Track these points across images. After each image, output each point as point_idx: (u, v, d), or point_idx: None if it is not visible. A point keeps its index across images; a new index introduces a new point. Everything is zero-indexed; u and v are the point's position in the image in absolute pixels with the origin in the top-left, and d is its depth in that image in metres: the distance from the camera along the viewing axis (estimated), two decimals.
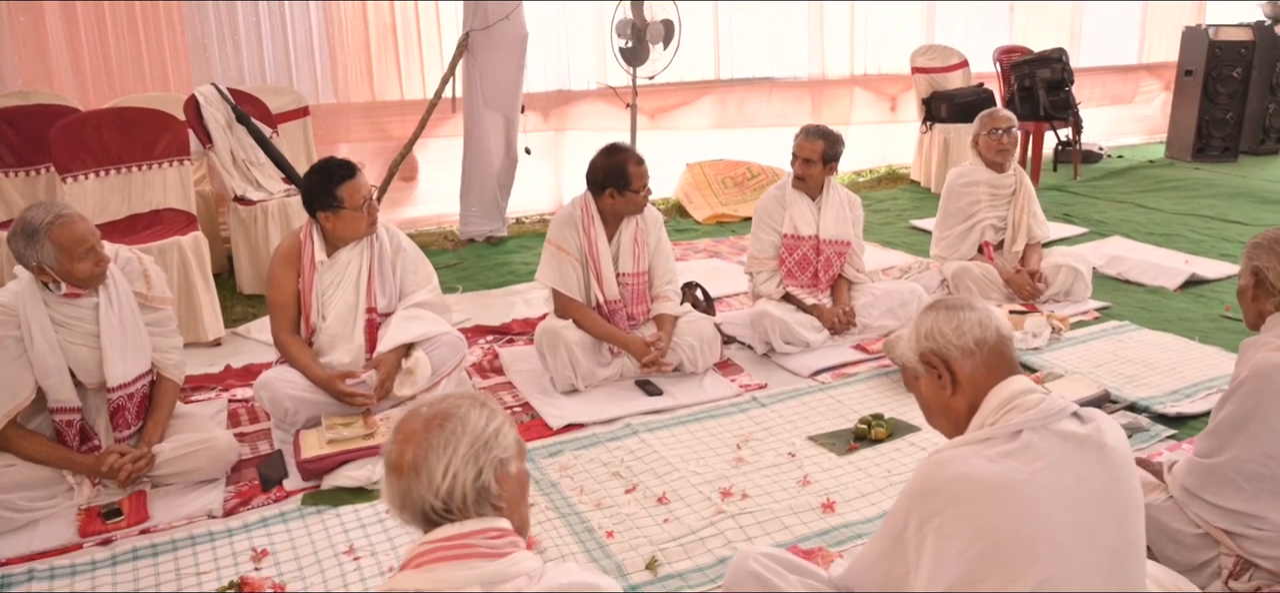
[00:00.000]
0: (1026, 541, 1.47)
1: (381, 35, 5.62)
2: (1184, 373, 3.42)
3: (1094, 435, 1.56)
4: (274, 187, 4.68)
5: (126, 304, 2.79)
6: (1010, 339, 1.68)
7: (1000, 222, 4.36)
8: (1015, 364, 1.66)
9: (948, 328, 1.66)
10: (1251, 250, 2.20)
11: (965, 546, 1.49)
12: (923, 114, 6.89)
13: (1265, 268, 2.16)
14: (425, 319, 3.21)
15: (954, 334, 1.65)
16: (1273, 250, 2.16)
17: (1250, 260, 2.20)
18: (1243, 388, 2.09)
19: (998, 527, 1.48)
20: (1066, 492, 1.51)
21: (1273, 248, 2.16)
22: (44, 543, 2.53)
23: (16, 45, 4.94)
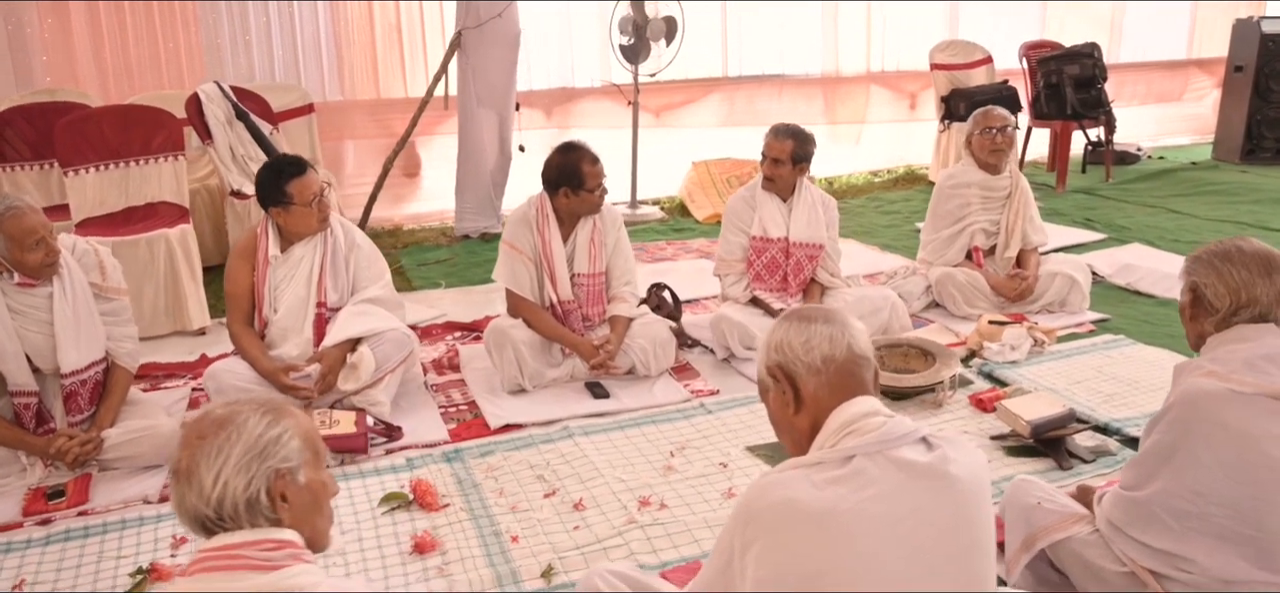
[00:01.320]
0: (849, 574, 1.40)
1: (387, 34, 5.72)
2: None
3: (937, 465, 1.46)
4: None
5: (81, 294, 2.90)
6: (864, 359, 1.57)
7: (992, 226, 4.21)
8: (866, 385, 1.56)
9: (797, 342, 1.58)
10: (1190, 265, 2.04)
11: (782, 576, 1.43)
12: (941, 112, 6.69)
13: (1203, 285, 2.00)
14: (373, 315, 3.26)
15: (802, 349, 1.57)
16: (1212, 265, 1.99)
17: (1189, 276, 2.04)
18: (1169, 416, 1.95)
19: (817, 558, 1.40)
20: (897, 524, 1.42)
21: (1212, 262, 1.99)
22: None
23: (45, 46, 5.18)
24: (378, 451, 2.99)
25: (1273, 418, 1.85)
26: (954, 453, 1.52)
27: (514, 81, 5.32)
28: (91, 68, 5.22)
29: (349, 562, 2.41)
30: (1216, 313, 2.00)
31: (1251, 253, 1.99)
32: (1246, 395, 1.86)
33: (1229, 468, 1.86)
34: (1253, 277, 1.96)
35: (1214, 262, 2.00)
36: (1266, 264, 1.98)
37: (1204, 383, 1.92)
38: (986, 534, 1.52)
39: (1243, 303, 1.96)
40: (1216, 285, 1.98)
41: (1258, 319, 1.97)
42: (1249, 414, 1.85)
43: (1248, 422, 1.85)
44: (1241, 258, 1.98)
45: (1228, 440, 1.86)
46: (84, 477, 2.83)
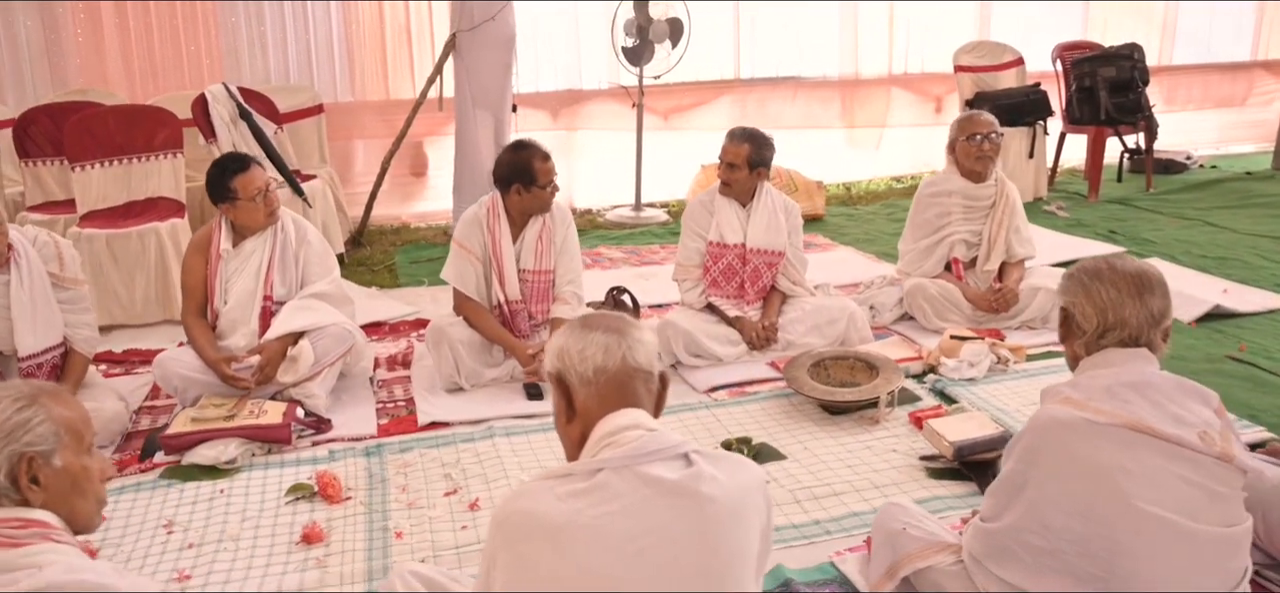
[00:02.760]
0: (583, 586, 1.38)
1: (396, 36, 5.85)
2: None
3: (687, 483, 1.42)
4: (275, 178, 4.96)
5: (38, 282, 3.06)
6: (641, 372, 1.53)
7: (974, 237, 4.05)
8: (638, 398, 1.53)
9: (574, 350, 1.56)
10: (1063, 283, 1.93)
11: (520, 586, 1.42)
12: None
13: (1072, 305, 1.89)
14: (316, 310, 3.34)
15: (577, 358, 1.55)
16: (1081, 284, 1.88)
17: (1061, 295, 1.94)
18: (1021, 444, 1.86)
19: (551, 571, 1.39)
20: (636, 540, 1.39)
21: (1082, 281, 1.88)
22: None
23: (79, 49, 5.49)
24: (305, 442, 3.07)
25: (1127, 450, 1.73)
26: (715, 472, 1.48)
27: (510, 83, 5.37)
28: (120, 69, 5.51)
29: (238, 547, 2.49)
30: (1084, 335, 1.89)
31: (1124, 272, 1.87)
32: (1100, 425, 1.75)
33: (1078, 503, 1.76)
34: (1121, 297, 1.84)
35: (1083, 280, 1.89)
36: (1138, 284, 1.86)
37: (1057, 410, 1.81)
38: (740, 557, 1.47)
39: (1110, 324, 1.85)
40: (1084, 306, 1.87)
41: (1127, 342, 1.86)
42: (1102, 445, 1.74)
43: (1099, 453, 1.74)
44: (1112, 277, 1.87)
45: (1078, 473, 1.76)
46: None
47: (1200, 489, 1.73)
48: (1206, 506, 1.73)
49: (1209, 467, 1.74)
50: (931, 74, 6.88)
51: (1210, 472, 1.74)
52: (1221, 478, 1.75)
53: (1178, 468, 1.73)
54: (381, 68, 5.87)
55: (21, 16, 5.30)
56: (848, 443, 2.98)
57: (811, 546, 2.44)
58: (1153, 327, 1.87)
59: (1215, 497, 1.74)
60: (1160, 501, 1.71)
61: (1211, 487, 1.74)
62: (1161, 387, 1.79)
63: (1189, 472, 1.73)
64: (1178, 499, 1.72)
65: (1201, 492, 1.73)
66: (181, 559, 2.45)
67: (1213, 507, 1.74)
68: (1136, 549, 1.71)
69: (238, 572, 2.38)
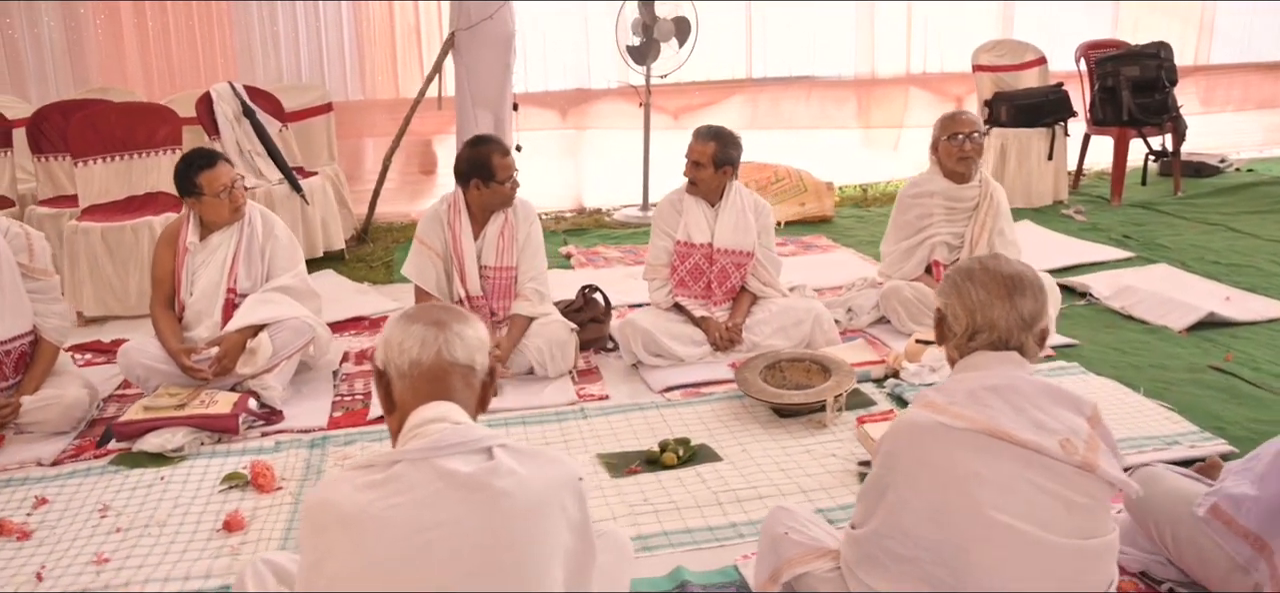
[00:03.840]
0: (362, 577, 1.39)
1: (406, 35, 5.95)
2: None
3: (482, 477, 1.42)
4: (273, 175, 5.10)
5: (7, 272, 3.19)
6: (459, 366, 1.55)
7: (956, 239, 3.94)
8: (454, 392, 1.54)
9: (394, 341, 1.58)
10: (940, 286, 1.88)
11: (316, 572, 1.44)
12: (983, 117, 6.28)
13: (944, 306, 1.84)
14: (277, 303, 3.42)
15: (396, 350, 1.57)
16: (954, 284, 1.83)
17: (937, 296, 1.89)
18: (882, 448, 1.81)
19: (345, 559, 1.41)
20: (424, 532, 1.39)
21: (954, 281, 1.83)
22: None
23: (99, 47, 5.72)
24: (254, 433, 3.14)
25: (981, 456, 1.67)
26: (516, 467, 1.47)
27: (509, 82, 5.42)
28: (138, 68, 5.72)
29: (162, 533, 2.55)
30: (955, 336, 1.82)
31: (996, 273, 1.80)
32: (956, 430, 1.69)
33: (933, 510, 1.70)
34: (990, 298, 1.78)
35: (956, 281, 1.83)
36: (1009, 286, 1.79)
37: (915, 414, 1.76)
38: (542, 555, 1.45)
39: (979, 326, 1.78)
40: (955, 306, 1.82)
41: (997, 345, 1.79)
42: (956, 451, 1.68)
43: (954, 460, 1.68)
44: (984, 278, 1.80)
45: (933, 479, 1.70)
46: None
47: (1057, 499, 1.66)
48: (1063, 516, 1.66)
49: (1069, 476, 1.66)
50: (951, 74, 6.71)
51: (1070, 481, 1.66)
52: (1082, 488, 1.67)
53: (1034, 476, 1.66)
54: (391, 67, 5.99)
55: (45, 16, 5.55)
56: (790, 447, 2.93)
57: (721, 548, 2.41)
58: (1024, 330, 1.80)
59: (1073, 507, 1.66)
60: (1012, 509, 1.64)
61: (1069, 497, 1.66)
62: (1026, 391, 1.72)
63: (1046, 480, 1.66)
64: (1031, 508, 1.65)
65: (1058, 501, 1.66)
66: (106, 543, 2.52)
67: (1070, 517, 1.66)
68: (986, 559, 1.65)
69: (154, 557, 2.45)
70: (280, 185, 5.01)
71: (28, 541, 2.56)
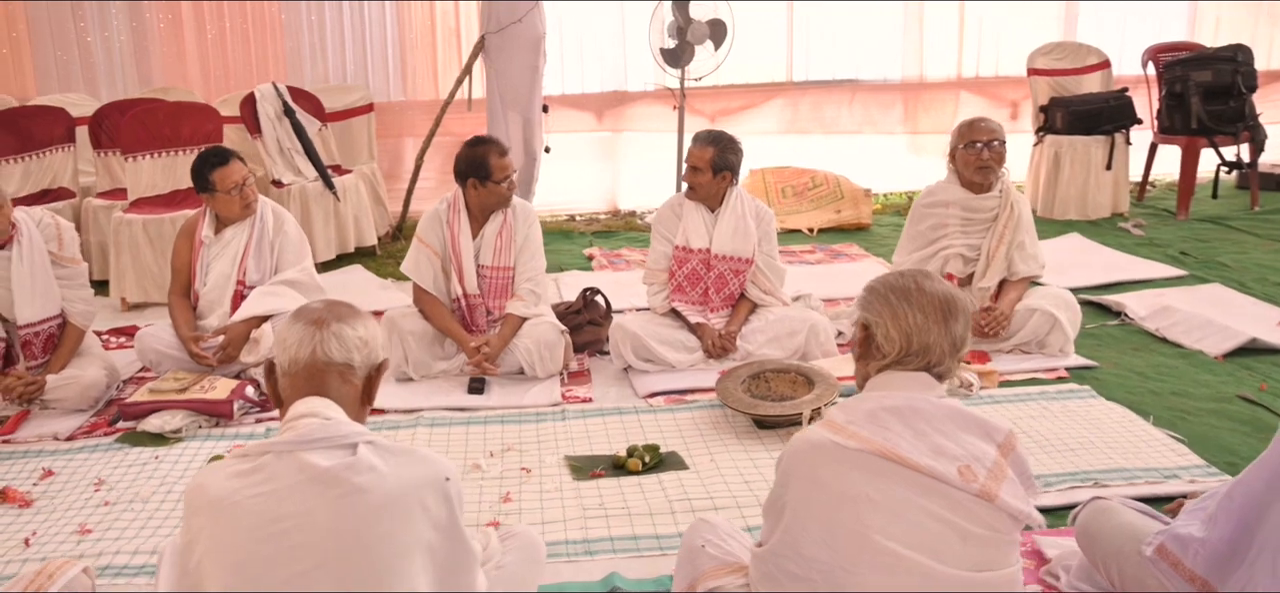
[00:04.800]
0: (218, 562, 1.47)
1: (447, 38, 6.12)
2: (1084, 457, 2.83)
3: (340, 472, 1.48)
4: (309, 173, 5.32)
5: (38, 259, 3.44)
6: (335, 364, 1.60)
7: (972, 251, 3.83)
8: (328, 389, 1.60)
9: (281, 339, 1.66)
10: (865, 297, 1.81)
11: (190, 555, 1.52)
12: (1038, 122, 6.06)
13: (874, 323, 1.78)
14: (281, 296, 3.58)
15: (281, 348, 1.65)
16: (888, 303, 1.75)
17: (862, 310, 1.83)
18: (780, 465, 1.79)
19: (207, 542, 1.49)
20: (279, 521, 1.46)
21: (888, 300, 1.75)
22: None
23: (162, 48, 6.08)
24: (250, 418, 3.31)
25: (875, 480, 1.64)
26: (379, 463, 1.52)
27: (538, 84, 5.51)
28: (197, 69, 6.05)
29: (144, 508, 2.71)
30: (885, 358, 1.77)
31: (932, 295, 1.75)
32: (850, 450, 1.66)
33: (824, 531, 1.68)
34: (928, 322, 1.72)
35: (891, 299, 1.76)
36: (945, 309, 1.74)
37: (811, 432, 1.74)
38: (398, 551, 1.50)
39: (913, 350, 1.73)
40: (888, 327, 1.75)
41: (927, 369, 1.75)
42: (849, 472, 1.66)
43: (846, 481, 1.66)
44: (921, 299, 1.74)
45: (825, 500, 1.68)
46: (22, 413, 3.36)
47: (951, 528, 1.62)
48: (956, 546, 1.61)
49: (967, 505, 1.62)
50: (1006, 77, 6.50)
51: (967, 510, 1.62)
52: (980, 518, 1.62)
53: (928, 503, 1.62)
54: (432, 68, 6.17)
55: (115, 18, 5.92)
56: (760, 459, 2.91)
57: (662, 556, 2.41)
58: (953, 354, 1.76)
59: (968, 538, 1.62)
60: (900, 535, 1.61)
61: (965, 526, 1.62)
62: (930, 415, 1.68)
63: (941, 508, 1.62)
64: (921, 535, 1.61)
65: (952, 531, 1.62)
66: (93, 515, 2.70)
67: (964, 548, 1.62)
68: (871, 585, 1.62)
69: (131, 530, 2.61)
70: (315, 182, 5.23)
71: (28, 508, 2.76)
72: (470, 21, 6.12)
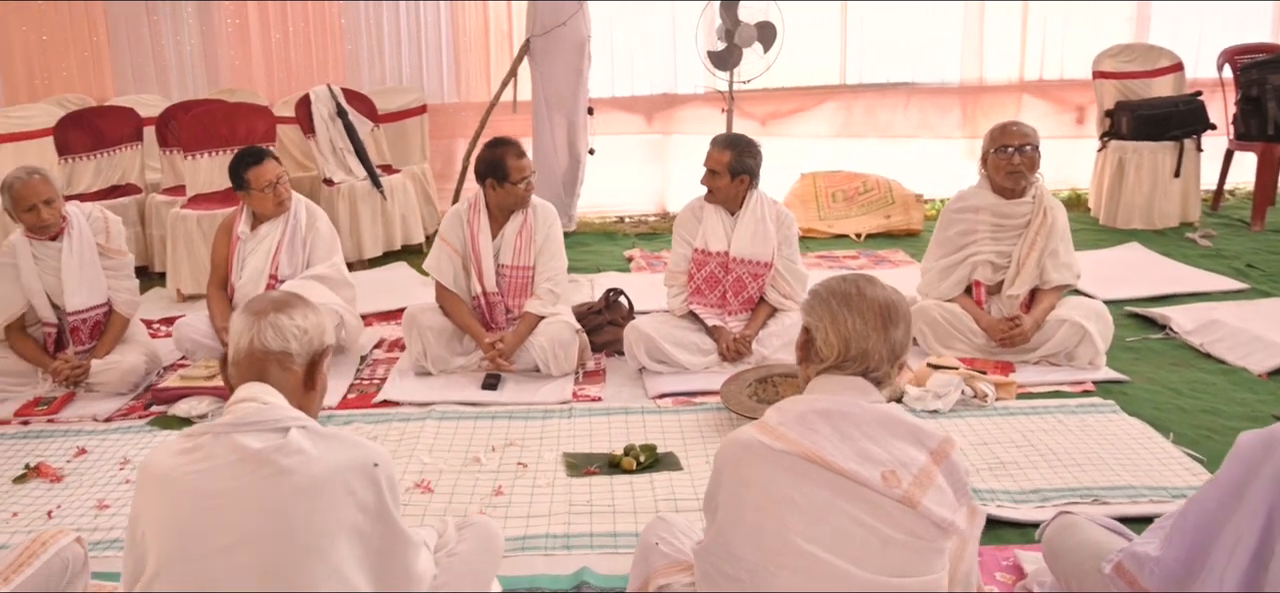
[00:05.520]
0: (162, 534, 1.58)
1: (499, 40, 6.28)
2: (1089, 473, 2.75)
3: (269, 454, 1.58)
4: (360, 172, 5.54)
5: (87, 250, 3.71)
6: (273, 353, 1.70)
7: (1002, 258, 3.75)
8: (269, 377, 1.70)
9: (230, 330, 1.77)
10: (809, 302, 1.84)
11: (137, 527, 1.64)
12: (1103, 127, 5.85)
13: (815, 327, 1.81)
14: (309, 290, 3.73)
15: (230, 339, 1.76)
16: (828, 308, 1.78)
17: (805, 315, 1.85)
18: (715, 464, 1.83)
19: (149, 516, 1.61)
20: (210, 498, 1.57)
21: (829, 305, 1.78)
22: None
23: (230, 50, 6.42)
24: None
25: (799, 482, 1.66)
26: (307, 447, 1.60)
27: (583, 87, 5.61)
28: (262, 70, 6.37)
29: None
30: (824, 361, 1.79)
31: (873, 300, 1.76)
32: (777, 451, 1.69)
33: (750, 531, 1.71)
34: (867, 328, 1.74)
35: (831, 304, 1.79)
36: (885, 315, 1.76)
37: (741, 432, 1.77)
38: (322, 530, 1.57)
39: (852, 355, 1.75)
40: (828, 331, 1.77)
41: (864, 374, 1.76)
42: (775, 473, 1.68)
43: (770, 482, 1.68)
44: (862, 305, 1.76)
45: (752, 500, 1.71)
46: (68, 394, 3.63)
47: (872, 533, 1.62)
48: (876, 551, 1.62)
49: (889, 510, 1.62)
50: (1072, 80, 6.29)
51: (889, 516, 1.62)
52: (902, 524, 1.62)
53: (850, 507, 1.63)
54: (484, 70, 6.34)
55: (186, 21, 6.29)
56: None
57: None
58: (892, 361, 1.76)
59: (889, 543, 1.62)
60: (820, 538, 1.62)
61: (885, 532, 1.62)
62: (860, 419, 1.68)
63: (864, 513, 1.63)
64: (841, 539, 1.62)
65: (872, 536, 1.62)
66: (113, 491, 2.90)
67: (884, 553, 1.62)
68: (789, 587, 1.63)
69: None
70: (364, 181, 5.45)
71: (58, 483, 2.99)
72: (522, 24, 6.26)
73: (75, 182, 5.34)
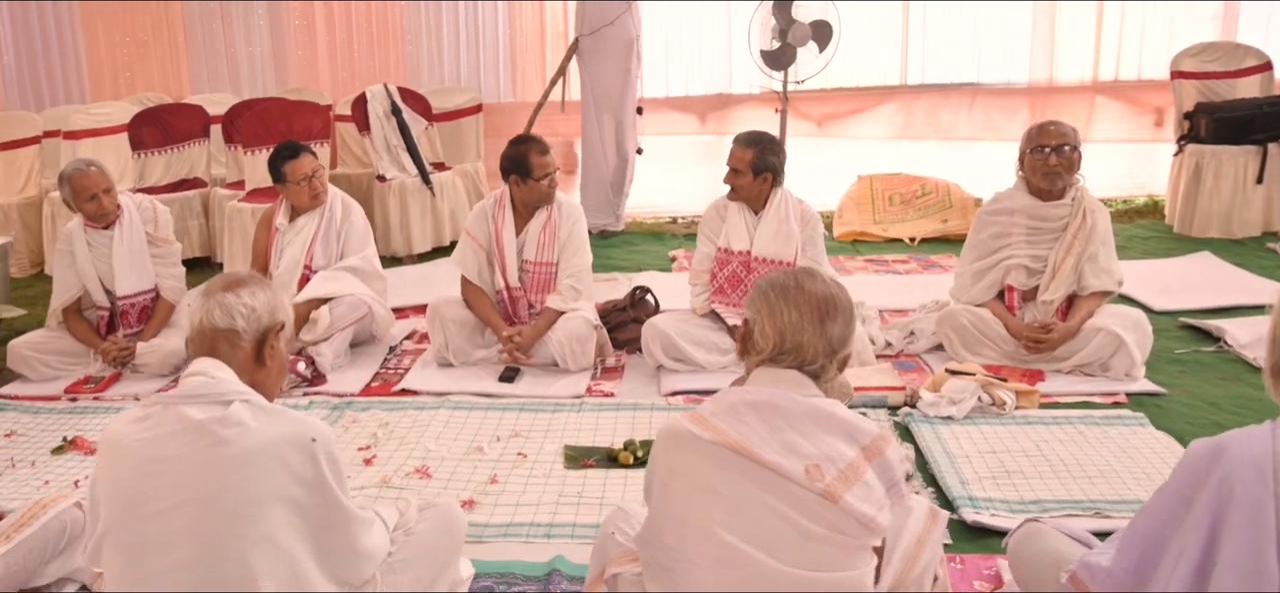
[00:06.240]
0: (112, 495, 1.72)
1: (555, 41, 6.41)
2: (1097, 486, 2.66)
3: (209, 425, 1.68)
4: (412, 169, 5.74)
5: (137, 238, 3.98)
6: (220, 331, 1.80)
7: (1037, 262, 3.64)
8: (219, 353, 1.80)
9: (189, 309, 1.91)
10: (750, 295, 1.88)
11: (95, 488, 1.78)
12: (1180, 130, 5.59)
13: (753, 319, 1.84)
14: (340, 280, 3.94)
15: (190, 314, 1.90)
16: (766, 300, 1.81)
17: (747, 307, 1.89)
18: (651, 452, 1.87)
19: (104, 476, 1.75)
20: (154, 462, 1.69)
21: (767, 297, 1.81)
22: (46, 391, 3.80)
23: (297, 50, 6.75)
24: (298, 392, 3.66)
25: (723, 472, 1.68)
26: (247, 420, 1.70)
27: (632, 87, 5.67)
28: (327, 70, 6.67)
29: None
30: (761, 354, 1.82)
31: (811, 294, 1.78)
32: (704, 441, 1.72)
33: (677, 520, 1.75)
34: (803, 322, 1.76)
35: (769, 296, 1.82)
36: (822, 309, 1.77)
37: (675, 421, 1.81)
38: (257, 499, 1.67)
39: (787, 348, 1.78)
40: (764, 324, 1.80)
41: (800, 367, 1.77)
42: (701, 464, 1.72)
43: (696, 472, 1.72)
44: (799, 299, 1.79)
45: (680, 489, 1.75)
46: (115, 375, 3.89)
47: (792, 526, 1.63)
48: (795, 544, 1.63)
49: (811, 504, 1.63)
50: (1149, 81, 6.02)
51: (810, 510, 1.63)
52: (823, 519, 1.62)
53: (771, 499, 1.64)
54: (540, 70, 6.49)
55: (257, 22, 6.64)
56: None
57: None
58: (830, 355, 1.77)
59: (809, 537, 1.62)
60: (740, 529, 1.64)
61: (806, 525, 1.62)
62: (790, 412, 1.69)
63: (785, 506, 1.63)
64: (760, 531, 1.63)
65: (792, 529, 1.63)
66: None
67: (804, 547, 1.62)
68: (708, 577, 1.66)
69: None
70: (415, 178, 5.64)
71: (91, 456, 3.21)
72: None
73: (147, 175, 5.70)
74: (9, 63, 6.60)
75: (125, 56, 6.64)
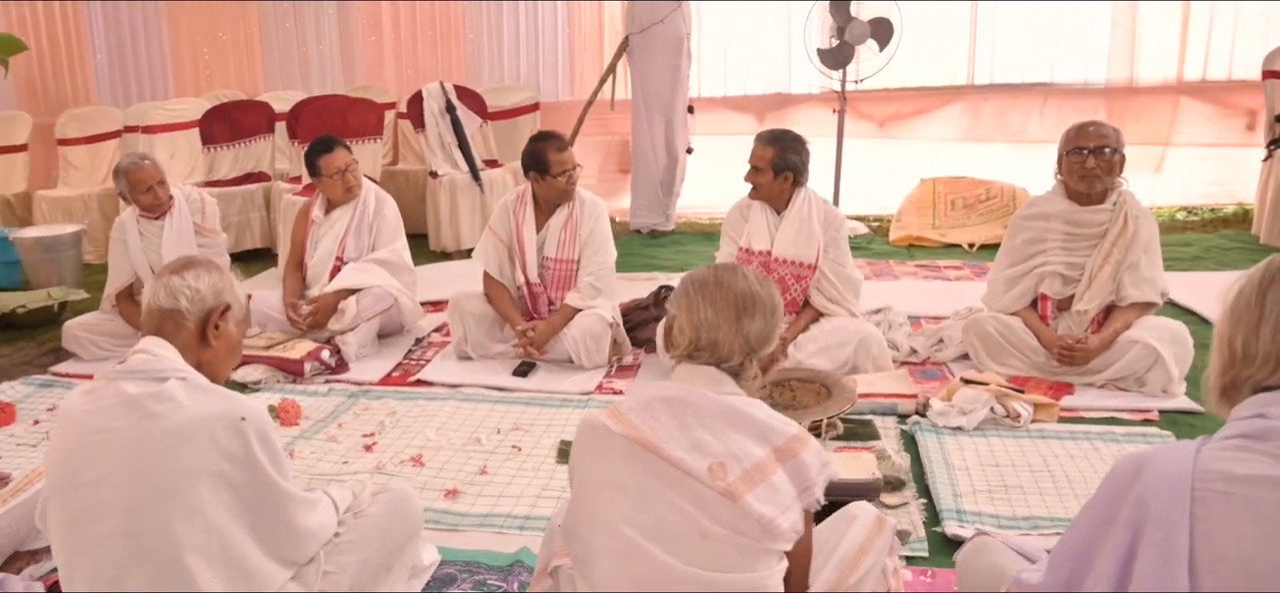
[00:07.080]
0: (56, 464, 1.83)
1: (613, 40, 6.46)
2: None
3: (141, 400, 1.78)
4: (464, 165, 5.90)
5: (185, 228, 4.23)
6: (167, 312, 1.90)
7: (1073, 270, 3.49)
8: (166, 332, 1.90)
9: None
10: (675, 289, 1.87)
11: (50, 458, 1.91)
12: (1271, 134, 5.25)
13: (672, 315, 1.85)
14: (369, 272, 4.09)
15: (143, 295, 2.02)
16: (686, 295, 1.81)
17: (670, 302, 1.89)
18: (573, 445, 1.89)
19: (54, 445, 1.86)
20: (92, 433, 1.79)
21: (687, 292, 1.81)
22: (95, 371, 4.06)
23: (364, 49, 7.01)
24: (320, 378, 3.81)
25: (629, 467, 1.69)
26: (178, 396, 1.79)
27: (682, 85, 5.69)
28: (392, 69, 6.92)
29: None
30: (679, 349, 1.82)
31: (730, 290, 1.78)
32: (614, 434, 1.73)
33: (587, 512, 1.77)
34: (719, 318, 1.76)
35: (689, 292, 1.82)
36: (740, 306, 1.77)
37: (591, 415, 1.82)
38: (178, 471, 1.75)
39: (702, 344, 1.78)
40: (682, 320, 1.81)
41: (717, 364, 1.77)
42: (610, 458, 1.73)
43: (605, 465, 1.74)
44: (717, 295, 1.78)
45: (591, 482, 1.78)
46: None
47: (692, 524, 1.63)
48: (694, 543, 1.62)
49: (712, 503, 1.62)
50: (1240, 81, 5.67)
51: (711, 509, 1.62)
52: (723, 518, 1.62)
53: (674, 496, 1.64)
54: (597, 69, 6.56)
55: (327, 21, 6.93)
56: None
57: None
58: (748, 353, 1.76)
59: (708, 536, 1.62)
60: (640, 524, 1.65)
61: (705, 524, 1.62)
62: (701, 409, 1.69)
63: (687, 503, 1.63)
64: (660, 527, 1.64)
65: (692, 527, 1.63)
66: None
67: (702, 546, 1.62)
68: (609, 571, 1.67)
69: None
70: (466, 175, 5.80)
71: None
72: None
73: (216, 169, 6.03)
74: (101, 61, 7.08)
75: (206, 54, 7.04)
